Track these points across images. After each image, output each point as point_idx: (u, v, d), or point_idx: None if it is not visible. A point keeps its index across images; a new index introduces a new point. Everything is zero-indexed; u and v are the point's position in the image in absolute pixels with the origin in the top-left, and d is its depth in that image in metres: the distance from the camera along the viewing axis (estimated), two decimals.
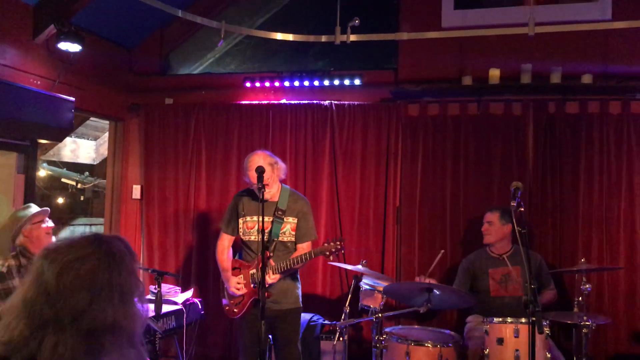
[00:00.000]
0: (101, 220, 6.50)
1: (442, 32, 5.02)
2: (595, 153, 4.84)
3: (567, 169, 4.89)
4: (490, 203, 4.86)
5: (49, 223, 3.91)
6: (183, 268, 5.60)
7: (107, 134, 6.45)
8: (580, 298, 3.91)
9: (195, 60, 6.19)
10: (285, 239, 3.85)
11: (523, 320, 3.68)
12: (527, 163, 4.97)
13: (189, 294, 4.76)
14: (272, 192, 3.86)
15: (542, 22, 4.15)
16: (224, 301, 3.96)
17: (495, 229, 4.47)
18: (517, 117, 5.03)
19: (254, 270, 3.79)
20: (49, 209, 3.93)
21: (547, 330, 3.70)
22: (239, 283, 3.82)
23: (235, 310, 3.87)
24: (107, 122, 6.11)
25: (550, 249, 4.85)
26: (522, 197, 3.14)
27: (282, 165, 3.95)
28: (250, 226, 3.90)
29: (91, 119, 6.68)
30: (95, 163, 7.59)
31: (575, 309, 3.94)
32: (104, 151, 7.07)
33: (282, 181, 4.01)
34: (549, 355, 3.67)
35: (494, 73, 4.92)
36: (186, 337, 4.46)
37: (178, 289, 4.81)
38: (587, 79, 4.77)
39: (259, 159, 3.83)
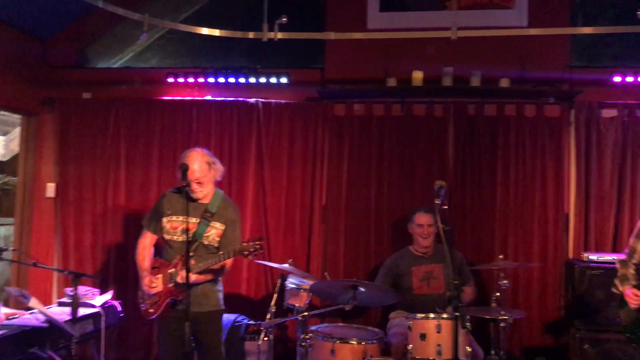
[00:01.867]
0: (11, 220, 6.12)
1: (367, 33, 5.09)
2: (511, 154, 5.06)
3: (486, 169, 5.09)
4: (414, 202, 4.98)
5: None
6: (102, 269, 5.39)
7: (18, 129, 6.09)
8: (498, 294, 4.07)
9: (115, 54, 5.95)
10: (207, 243, 3.76)
11: (445, 315, 3.78)
12: (448, 163, 5.12)
13: (107, 296, 4.58)
14: (205, 192, 3.76)
15: (463, 27, 4.27)
16: (142, 304, 3.82)
17: (434, 230, 4.55)
18: (439, 118, 5.17)
19: (173, 270, 3.68)
20: None
21: (468, 325, 3.81)
22: (152, 282, 3.70)
23: (151, 310, 3.73)
24: (19, 116, 5.78)
25: (469, 246, 5.03)
26: (444, 196, 3.22)
27: (220, 167, 3.84)
28: (175, 226, 3.78)
29: (0, 112, 6.28)
30: (4, 159, 7.14)
31: (493, 304, 4.09)
32: (15, 147, 6.67)
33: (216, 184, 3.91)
34: (469, 350, 3.79)
35: (417, 75, 5.03)
36: (105, 341, 4.28)
37: (96, 291, 4.61)
38: (504, 82, 4.98)
39: (197, 156, 3.72)
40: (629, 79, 4.88)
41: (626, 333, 3.65)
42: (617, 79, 4.91)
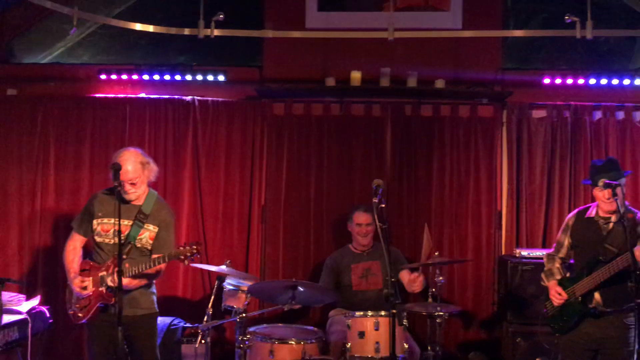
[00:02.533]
0: None
1: (306, 32, 5.08)
2: (446, 153, 5.17)
3: (422, 168, 5.18)
4: (352, 200, 5.01)
5: None
6: (28, 274, 5.15)
7: None
8: (434, 289, 4.14)
9: (43, 49, 5.70)
10: (140, 245, 3.65)
11: (383, 313, 3.80)
12: (385, 162, 5.18)
13: (34, 302, 4.36)
14: (139, 193, 3.64)
15: (400, 28, 4.33)
16: (70, 308, 3.67)
17: (373, 229, 4.57)
18: (377, 118, 5.23)
19: (104, 273, 3.55)
20: None
21: (405, 321, 3.86)
22: (83, 282, 3.56)
23: (80, 315, 3.59)
24: None
25: (407, 243, 5.10)
26: (382, 194, 3.26)
27: (154, 167, 3.73)
28: (106, 228, 3.64)
29: None
30: None
31: (430, 300, 4.16)
32: None
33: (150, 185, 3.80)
34: (406, 346, 3.83)
35: (356, 75, 5.06)
36: (31, 349, 4.08)
37: (22, 297, 4.39)
38: (440, 83, 5.07)
39: (131, 156, 3.60)
40: (558, 80, 5.06)
41: (550, 324, 3.79)
42: (546, 81, 5.09)
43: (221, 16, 4.11)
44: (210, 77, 5.19)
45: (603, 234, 3.62)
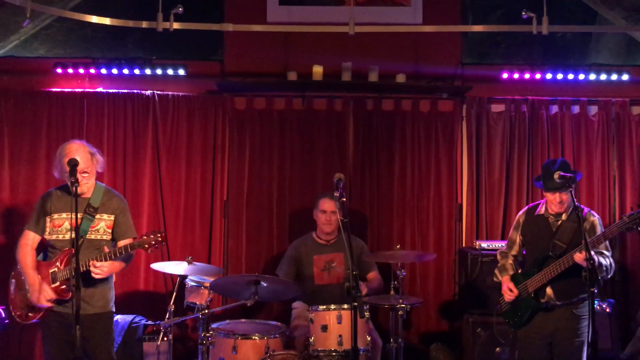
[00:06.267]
0: None
1: (267, 25, 5.05)
2: (408, 147, 5.21)
3: (384, 162, 5.21)
4: (315, 195, 5.00)
5: None
6: None
7: None
8: (396, 282, 4.17)
9: None
10: (95, 237, 3.60)
11: (345, 306, 3.82)
12: (347, 156, 5.20)
13: None
14: (90, 185, 3.59)
15: (361, 23, 4.35)
16: (15, 309, 3.59)
17: (337, 218, 4.54)
18: (339, 112, 5.24)
19: (55, 269, 3.48)
20: None
21: (367, 314, 3.88)
22: (47, 295, 3.46)
23: (30, 314, 3.51)
24: None
25: (369, 236, 5.13)
26: (344, 188, 3.29)
27: (100, 157, 3.71)
28: (58, 224, 3.58)
29: None
30: None
31: (392, 292, 4.19)
32: None
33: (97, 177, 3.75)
34: (368, 338, 3.86)
35: (317, 70, 5.06)
36: None
37: None
38: (400, 78, 5.11)
39: (79, 147, 3.56)
40: (515, 75, 5.15)
41: (505, 319, 3.86)
42: (504, 75, 5.18)
43: (180, 9, 4.07)
44: (170, 71, 5.12)
45: (552, 230, 3.69)
